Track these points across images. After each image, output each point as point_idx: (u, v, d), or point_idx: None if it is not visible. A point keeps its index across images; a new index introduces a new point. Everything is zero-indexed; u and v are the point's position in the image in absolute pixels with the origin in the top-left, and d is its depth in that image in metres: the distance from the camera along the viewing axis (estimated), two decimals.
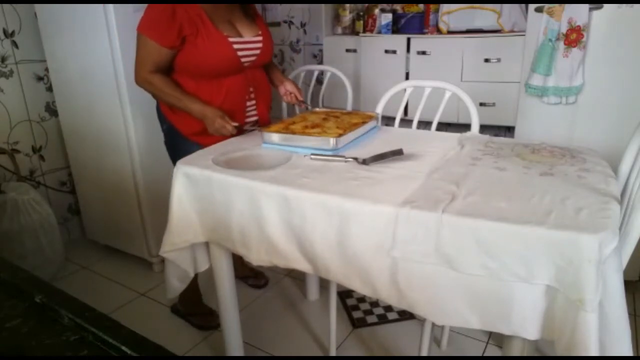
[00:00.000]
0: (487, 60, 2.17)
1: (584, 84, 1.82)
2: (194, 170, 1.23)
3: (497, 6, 2.17)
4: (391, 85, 1.73)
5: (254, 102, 1.60)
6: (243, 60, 1.50)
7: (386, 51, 2.44)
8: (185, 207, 1.26)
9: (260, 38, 1.56)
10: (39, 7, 2.09)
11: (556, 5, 1.76)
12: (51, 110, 2.37)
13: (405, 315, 1.85)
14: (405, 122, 1.76)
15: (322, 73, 2.51)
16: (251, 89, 1.58)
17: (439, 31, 2.36)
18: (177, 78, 1.48)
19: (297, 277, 2.15)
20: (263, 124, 1.63)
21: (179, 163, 1.26)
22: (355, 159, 1.21)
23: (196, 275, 1.57)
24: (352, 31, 2.69)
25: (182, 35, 1.39)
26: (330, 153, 1.26)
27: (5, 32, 2.16)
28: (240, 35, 1.50)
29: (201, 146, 1.45)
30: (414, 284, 0.96)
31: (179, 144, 1.57)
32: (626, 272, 0.90)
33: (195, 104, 1.44)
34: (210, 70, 1.46)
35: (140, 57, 1.43)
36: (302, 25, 3.06)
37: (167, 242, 1.29)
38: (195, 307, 1.87)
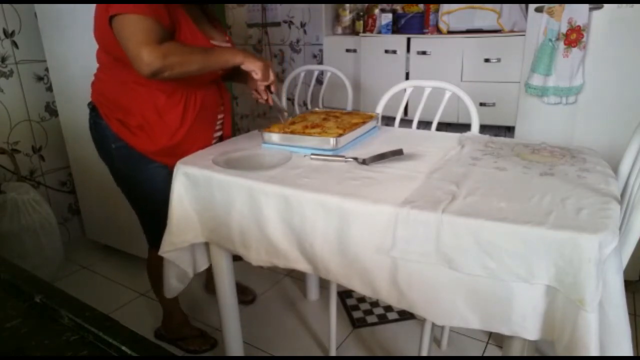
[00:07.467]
0: (487, 60, 2.17)
1: (584, 84, 1.82)
2: (194, 170, 1.23)
3: (497, 6, 2.17)
4: (391, 85, 1.73)
5: (222, 115, 1.49)
6: None
7: (386, 51, 2.44)
8: (185, 207, 1.26)
9: (229, 45, 1.45)
10: (39, 7, 2.09)
11: (556, 5, 1.76)
12: (51, 110, 2.37)
13: (405, 315, 1.85)
14: (405, 122, 1.76)
15: (322, 73, 2.52)
16: (222, 101, 1.47)
17: (439, 31, 2.36)
18: (143, 92, 1.29)
19: (297, 277, 2.15)
20: (226, 139, 1.52)
21: (179, 163, 1.26)
22: (355, 159, 1.21)
23: (177, 296, 1.54)
24: (352, 31, 2.69)
25: (169, 15, 1.19)
26: (330, 153, 1.26)
27: (5, 32, 2.16)
28: (213, 39, 1.37)
29: (164, 167, 1.32)
30: (414, 284, 0.96)
31: (137, 165, 1.37)
32: (626, 272, 0.90)
33: (228, 49, 1.28)
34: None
35: (133, 38, 1.11)
36: (302, 25, 3.06)
37: (167, 242, 1.29)
38: (182, 330, 1.72)
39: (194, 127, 1.36)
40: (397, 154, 1.21)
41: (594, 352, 0.79)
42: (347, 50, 2.65)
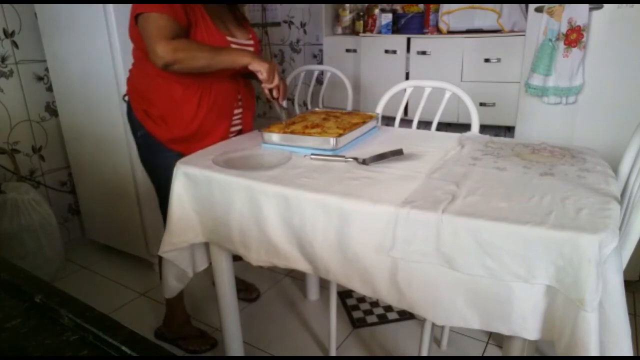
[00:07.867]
0: (487, 60, 2.17)
1: (584, 84, 1.82)
2: (194, 170, 1.23)
3: (497, 6, 2.17)
4: (391, 85, 1.73)
5: (241, 110, 1.54)
6: None
7: (386, 51, 2.44)
8: (185, 207, 1.26)
9: (251, 42, 1.50)
10: (39, 7, 2.09)
11: (556, 5, 1.76)
12: (51, 110, 2.37)
13: (405, 315, 1.85)
14: (405, 122, 1.76)
15: (322, 73, 2.52)
16: (239, 97, 1.51)
17: (439, 31, 2.36)
18: (163, 84, 1.38)
19: (297, 277, 2.15)
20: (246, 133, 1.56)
21: (179, 163, 1.26)
22: (355, 159, 1.21)
23: (182, 294, 1.53)
24: (352, 31, 2.69)
25: (187, 15, 1.30)
26: (330, 153, 1.26)
27: (5, 32, 2.16)
28: (234, 37, 1.44)
29: (181, 155, 1.33)
30: (414, 284, 0.96)
31: (156, 152, 1.45)
32: (626, 272, 0.90)
33: (238, 50, 1.36)
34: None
35: (151, 34, 1.24)
36: (302, 25, 3.06)
37: (167, 242, 1.29)
38: (183, 329, 1.72)
39: (207, 119, 1.43)
40: (397, 154, 1.21)
41: (594, 352, 0.79)
42: (347, 50, 2.65)
